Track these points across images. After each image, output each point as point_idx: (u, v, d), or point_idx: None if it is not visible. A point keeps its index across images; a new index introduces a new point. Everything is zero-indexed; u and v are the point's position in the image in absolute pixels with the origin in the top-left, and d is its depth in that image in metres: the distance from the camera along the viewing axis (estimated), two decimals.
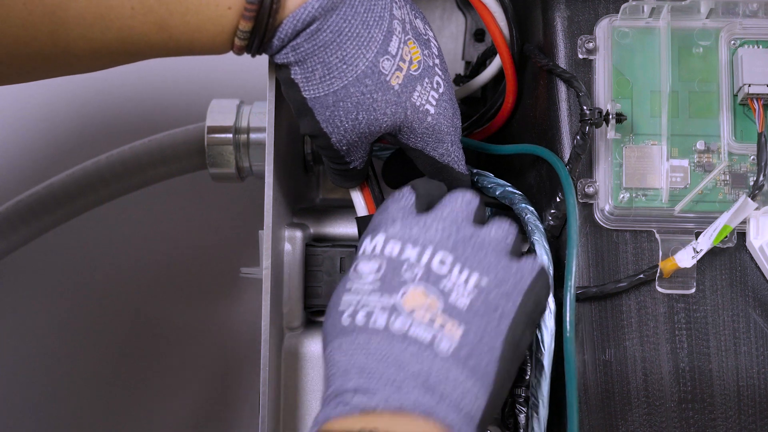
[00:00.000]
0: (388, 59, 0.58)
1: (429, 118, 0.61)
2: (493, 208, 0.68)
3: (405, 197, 0.58)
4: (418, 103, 0.60)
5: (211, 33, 0.57)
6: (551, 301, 0.61)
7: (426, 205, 0.58)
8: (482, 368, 0.52)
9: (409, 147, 0.62)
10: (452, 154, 0.63)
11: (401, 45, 0.59)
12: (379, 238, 0.56)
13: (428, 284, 0.54)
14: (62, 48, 0.56)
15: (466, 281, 0.54)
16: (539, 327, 0.60)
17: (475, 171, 0.68)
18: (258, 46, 0.57)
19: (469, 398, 0.52)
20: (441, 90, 0.61)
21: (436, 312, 0.53)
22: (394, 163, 0.69)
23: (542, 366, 0.60)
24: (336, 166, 0.63)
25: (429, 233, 0.56)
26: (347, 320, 0.54)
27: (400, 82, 0.59)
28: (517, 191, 0.66)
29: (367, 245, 0.57)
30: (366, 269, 0.56)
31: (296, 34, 0.56)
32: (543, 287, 0.56)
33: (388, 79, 0.58)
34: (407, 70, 0.59)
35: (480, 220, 0.58)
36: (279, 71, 0.59)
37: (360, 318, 0.54)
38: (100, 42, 0.56)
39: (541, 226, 0.63)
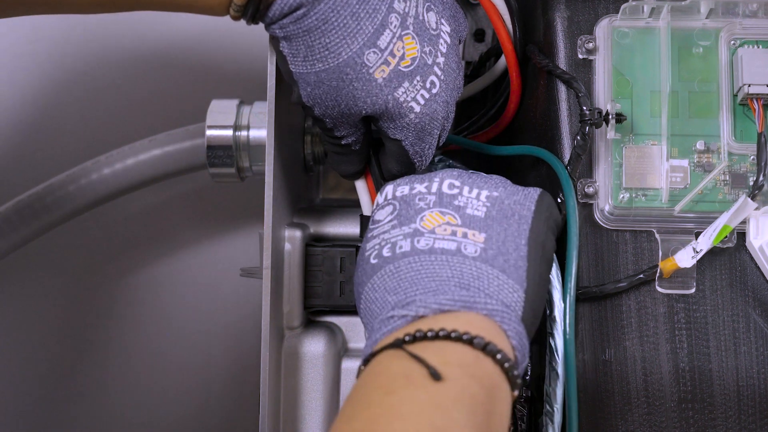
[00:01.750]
0: (374, 52, 0.59)
1: (412, 116, 0.61)
2: None
3: None
4: (401, 99, 0.60)
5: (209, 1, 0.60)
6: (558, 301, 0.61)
7: None
8: (512, 265, 0.55)
9: (386, 135, 0.63)
10: (425, 156, 0.64)
11: (394, 39, 0.59)
12: (389, 188, 0.60)
13: (443, 206, 0.57)
14: None
15: (478, 196, 0.58)
16: (552, 335, 0.60)
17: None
18: (251, 18, 0.59)
19: (506, 291, 0.54)
20: (434, 91, 0.61)
21: (456, 225, 0.56)
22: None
23: (557, 374, 0.60)
24: (330, 141, 0.64)
25: (432, 172, 0.60)
26: (374, 259, 0.57)
27: (384, 75, 0.59)
28: None
29: (379, 199, 0.60)
30: (382, 215, 0.59)
31: (283, 15, 0.58)
32: (550, 201, 0.60)
33: (371, 71, 0.59)
34: (396, 65, 0.59)
35: None
36: (272, 40, 0.61)
37: (386, 251, 0.56)
38: None
39: None
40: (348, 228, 0.71)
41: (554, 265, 0.61)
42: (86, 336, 0.99)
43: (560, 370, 0.60)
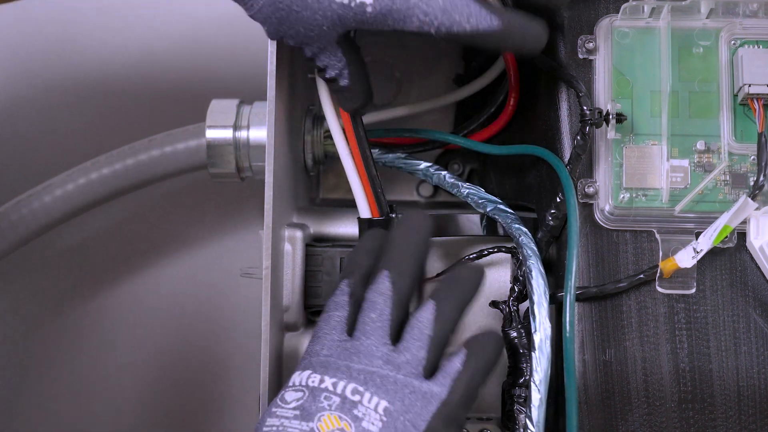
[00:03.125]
0: None
1: (369, 9, 0.59)
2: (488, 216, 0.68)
3: (334, 317, 0.61)
4: (346, 2, 0.59)
5: None
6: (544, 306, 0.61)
7: (353, 319, 0.61)
8: None
9: (383, 31, 0.61)
10: (434, 17, 0.60)
11: None
12: (305, 374, 0.59)
13: (343, 411, 0.57)
14: None
15: (376, 408, 0.57)
16: (534, 351, 0.60)
17: (466, 185, 0.68)
18: None
19: None
20: None
21: None
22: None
23: (539, 392, 0.60)
24: (319, 75, 0.64)
25: (348, 364, 0.59)
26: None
27: None
28: (509, 210, 0.66)
29: (295, 378, 0.60)
30: (290, 397, 0.59)
31: None
32: (454, 406, 0.58)
33: None
34: None
35: (396, 334, 0.60)
36: None
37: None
38: None
39: (536, 249, 0.63)
40: (348, 228, 0.71)
41: (547, 289, 0.62)
42: (86, 336, 0.99)
43: (542, 388, 0.60)
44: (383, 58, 0.84)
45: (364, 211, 0.66)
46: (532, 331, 0.61)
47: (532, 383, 0.60)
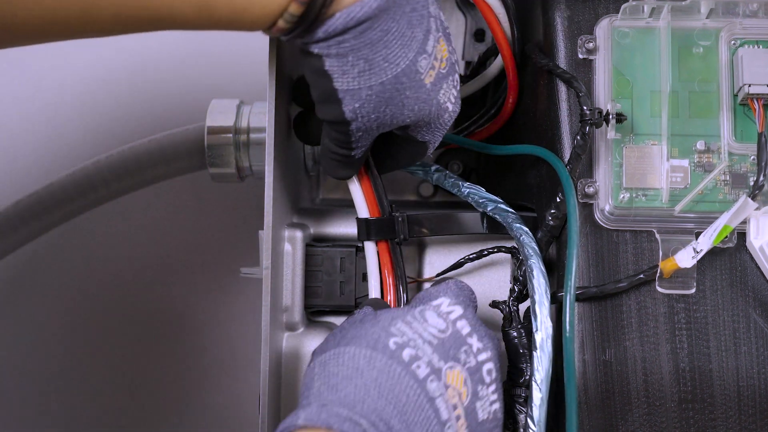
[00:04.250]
0: (425, 58, 0.58)
1: (446, 116, 0.61)
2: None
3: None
4: (442, 101, 0.60)
5: (256, 14, 0.55)
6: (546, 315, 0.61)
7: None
8: None
9: (414, 138, 0.62)
10: (435, 144, 0.64)
11: (435, 43, 0.58)
12: (458, 310, 0.59)
13: (471, 378, 0.56)
14: (90, 22, 0.54)
15: (492, 403, 0.57)
16: (536, 350, 0.61)
17: (466, 185, 0.68)
18: (302, 32, 0.55)
19: None
20: (458, 88, 0.62)
21: (462, 403, 0.56)
22: (307, 118, 0.68)
23: (540, 391, 0.60)
24: (339, 152, 0.61)
25: (494, 343, 0.59)
26: (394, 345, 0.55)
27: (432, 80, 0.59)
28: (510, 209, 0.66)
29: (444, 305, 0.59)
30: (433, 321, 0.58)
31: (346, 30, 0.55)
32: None
33: (422, 77, 0.58)
34: (438, 68, 0.59)
35: None
36: (310, 58, 0.57)
37: (407, 354, 0.55)
38: (134, 22, 0.54)
39: (537, 248, 0.63)
40: (348, 228, 0.71)
41: (548, 288, 0.62)
42: (85, 335, 0.99)
43: (543, 388, 0.60)
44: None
45: (363, 211, 0.66)
46: (534, 330, 0.61)
47: (533, 382, 0.60)
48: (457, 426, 0.55)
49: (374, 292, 0.65)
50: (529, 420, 0.60)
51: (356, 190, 0.66)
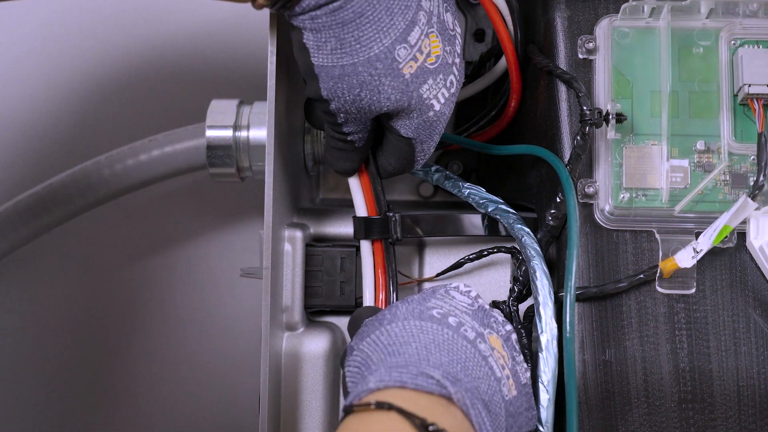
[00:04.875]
0: (404, 48, 0.58)
1: (431, 114, 0.61)
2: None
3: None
4: (425, 96, 0.60)
5: None
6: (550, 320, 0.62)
7: None
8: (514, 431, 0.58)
9: (397, 132, 0.63)
10: (426, 155, 0.64)
11: (422, 37, 0.59)
12: (474, 290, 0.62)
13: (506, 345, 0.59)
14: None
15: (526, 370, 0.60)
16: (542, 351, 0.61)
17: (467, 185, 0.68)
18: (283, 4, 0.57)
19: None
20: (452, 90, 0.62)
21: (507, 365, 0.58)
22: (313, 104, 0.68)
23: (547, 392, 0.60)
24: (335, 135, 0.63)
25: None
26: (438, 315, 0.57)
27: (412, 71, 0.59)
28: (511, 210, 0.66)
29: (461, 286, 0.62)
30: (460, 298, 0.61)
31: (318, 6, 0.57)
32: None
33: (400, 66, 0.59)
34: (422, 61, 0.59)
35: None
36: (293, 31, 0.59)
37: (452, 320, 0.57)
38: None
39: (539, 249, 0.63)
40: (348, 228, 0.71)
41: (551, 288, 0.62)
42: (84, 335, 0.99)
43: (551, 388, 0.60)
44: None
45: (361, 209, 0.66)
46: (539, 332, 0.61)
47: (540, 384, 0.60)
48: (509, 384, 0.57)
49: (368, 290, 0.65)
50: (536, 421, 0.60)
51: (356, 189, 0.66)
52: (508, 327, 0.61)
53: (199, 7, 0.96)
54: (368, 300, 0.65)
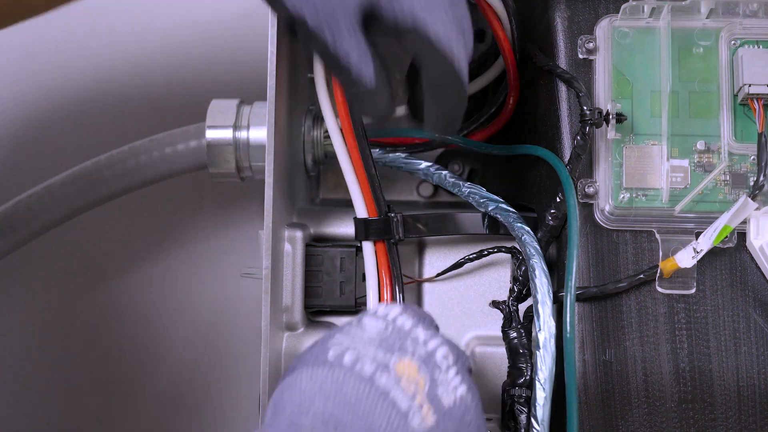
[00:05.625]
0: None
1: None
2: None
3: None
4: None
5: None
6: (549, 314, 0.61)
7: None
8: None
9: (397, 25, 0.55)
10: (456, 44, 0.55)
11: None
12: (396, 310, 0.55)
13: (424, 366, 0.53)
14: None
15: (456, 388, 0.53)
16: (539, 350, 0.60)
17: (467, 185, 0.68)
18: None
19: None
20: None
21: (421, 390, 0.52)
22: None
23: (544, 390, 0.60)
24: (340, 73, 0.56)
25: (443, 338, 0.55)
26: (332, 355, 0.52)
27: None
28: (511, 209, 0.66)
29: (380, 309, 0.56)
30: (370, 324, 0.55)
31: None
32: None
33: None
34: None
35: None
36: None
37: (348, 358, 0.52)
38: None
39: (539, 248, 0.63)
40: (348, 228, 0.71)
41: (550, 287, 0.62)
42: (84, 335, 0.99)
43: (547, 387, 0.60)
44: (384, 57, 0.84)
45: (361, 210, 0.66)
46: (537, 330, 0.61)
47: (536, 382, 0.60)
48: (422, 414, 0.51)
49: (372, 292, 0.65)
50: (532, 419, 0.60)
51: (355, 190, 0.66)
52: (433, 344, 0.54)
53: (199, 7, 0.96)
54: (371, 301, 0.65)
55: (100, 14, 0.97)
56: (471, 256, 0.69)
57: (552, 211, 0.63)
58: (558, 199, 0.63)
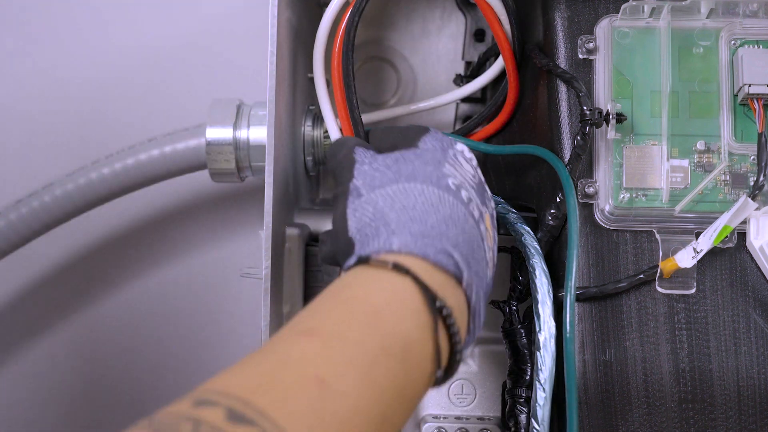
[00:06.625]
0: None
1: None
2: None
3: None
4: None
5: None
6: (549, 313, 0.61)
7: None
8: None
9: None
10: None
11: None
12: (474, 158, 0.59)
13: (493, 224, 0.58)
14: None
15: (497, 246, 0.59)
16: (539, 350, 0.60)
17: None
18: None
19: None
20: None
21: (492, 246, 0.57)
22: None
23: (544, 390, 0.60)
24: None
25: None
26: (453, 186, 0.55)
27: None
28: (511, 209, 0.66)
29: (465, 151, 0.58)
30: (466, 165, 0.58)
31: None
32: None
33: None
34: None
35: None
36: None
37: (464, 195, 0.55)
38: None
39: (539, 248, 0.63)
40: None
41: (550, 287, 0.62)
42: (84, 335, 0.99)
43: (547, 386, 0.60)
44: (383, 57, 0.84)
45: (335, 133, 0.67)
46: (537, 330, 0.61)
47: (536, 382, 0.60)
48: (491, 266, 0.56)
49: None
50: (532, 419, 0.60)
51: (328, 112, 0.66)
52: (494, 203, 0.60)
53: (199, 6, 0.96)
54: None
55: (100, 14, 0.97)
56: None
57: (552, 211, 0.63)
58: (558, 199, 0.63)
